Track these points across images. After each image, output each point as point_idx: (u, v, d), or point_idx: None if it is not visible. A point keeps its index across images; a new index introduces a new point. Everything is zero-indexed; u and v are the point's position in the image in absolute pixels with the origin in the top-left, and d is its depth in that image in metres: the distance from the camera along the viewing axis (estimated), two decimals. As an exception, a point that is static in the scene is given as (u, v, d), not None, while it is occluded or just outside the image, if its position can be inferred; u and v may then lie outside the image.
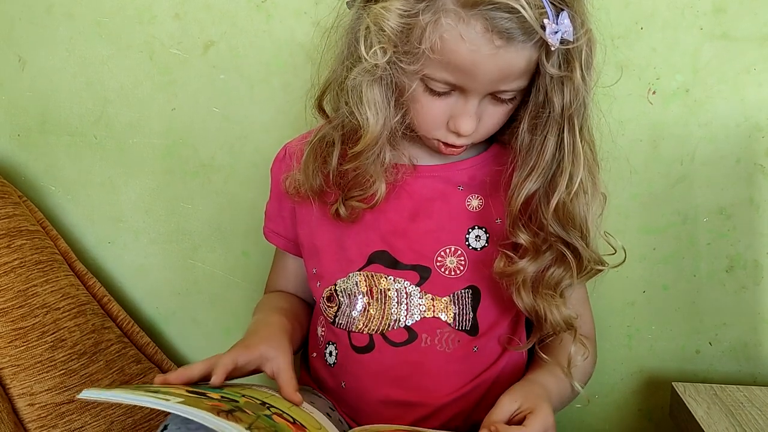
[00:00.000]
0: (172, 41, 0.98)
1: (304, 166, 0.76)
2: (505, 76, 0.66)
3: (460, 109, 0.69)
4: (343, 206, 0.75)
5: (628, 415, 0.99)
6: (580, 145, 0.68)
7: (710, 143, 0.90)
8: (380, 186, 0.74)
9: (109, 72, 1.00)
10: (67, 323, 0.92)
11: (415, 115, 0.71)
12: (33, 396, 0.86)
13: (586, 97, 0.67)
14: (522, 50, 0.64)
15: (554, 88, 0.66)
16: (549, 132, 0.68)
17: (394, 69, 0.68)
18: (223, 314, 1.06)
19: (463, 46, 0.63)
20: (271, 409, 0.64)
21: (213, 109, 0.99)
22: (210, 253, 1.04)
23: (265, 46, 0.95)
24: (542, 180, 0.70)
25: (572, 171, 0.68)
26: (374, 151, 0.72)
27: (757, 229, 0.91)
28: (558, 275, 0.72)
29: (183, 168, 1.02)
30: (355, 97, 0.69)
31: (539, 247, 0.71)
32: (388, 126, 0.71)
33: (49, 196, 1.06)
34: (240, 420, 0.57)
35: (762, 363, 0.94)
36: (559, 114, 0.67)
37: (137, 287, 1.07)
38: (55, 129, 1.03)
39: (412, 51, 0.66)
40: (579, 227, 0.70)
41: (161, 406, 0.58)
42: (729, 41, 0.87)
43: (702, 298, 0.94)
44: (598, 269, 0.74)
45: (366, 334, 0.77)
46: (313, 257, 0.81)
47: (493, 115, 0.71)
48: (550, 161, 0.69)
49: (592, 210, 0.71)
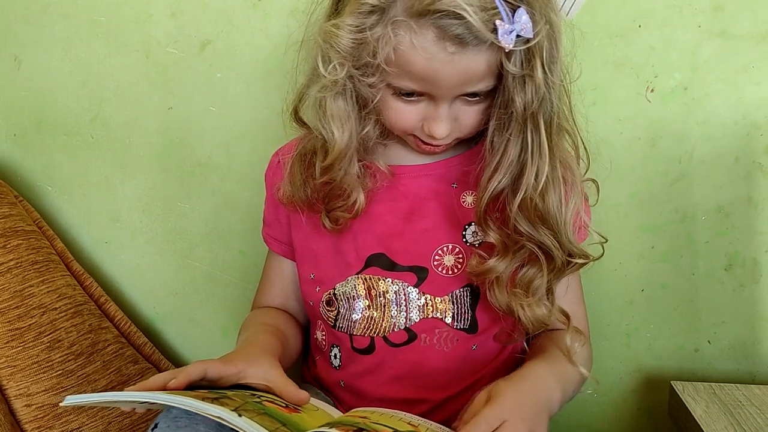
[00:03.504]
0: (168, 40, 0.97)
1: (291, 178, 0.76)
2: (467, 79, 0.65)
3: (431, 113, 0.69)
4: (327, 218, 0.76)
5: (627, 414, 0.99)
6: (546, 144, 0.67)
7: (708, 141, 0.90)
8: (358, 196, 0.74)
9: (105, 71, 1.00)
10: (63, 324, 0.91)
11: (387, 119, 0.71)
12: (30, 397, 0.86)
13: (551, 94, 0.66)
14: (478, 54, 0.63)
15: (516, 87, 0.65)
16: (513, 131, 0.67)
17: (355, 82, 0.68)
18: (221, 314, 1.06)
19: (417, 55, 0.63)
20: (262, 397, 0.63)
21: (210, 108, 0.99)
22: (207, 252, 1.04)
23: (262, 45, 0.95)
24: (509, 179, 0.69)
25: (538, 169, 0.67)
26: (344, 164, 0.72)
27: (755, 227, 0.91)
28: (530, 274, 0.72)
29: (180, 167, 1.01)
30: (320, 111, 0.70)
31: (508, 246, 0.71)
32: (354, 139, 0.71)
33: (46, 195, 1.05)
34: (226, 405, 0.56)
35: (761, 361, 0.93)
36: (521, 113, 0.66)
37: (134, 287, 1.07)
38: (52, 128, 1.03)
39: (369, 64, 0.66)
40: (551, 225, 0.69)
41: (144, 397, 0.57)
42: (727, 39, 0.87)
43: (700, 297, 0.93)
44: (581, 263, 0.72)
45: (367, 336, 0.77)
46: (310, 262, 0.81)
47: (470, 114, 0.70)
48: (516, 160, 0.68)
49: (568, 207, 0.70)
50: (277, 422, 0.58)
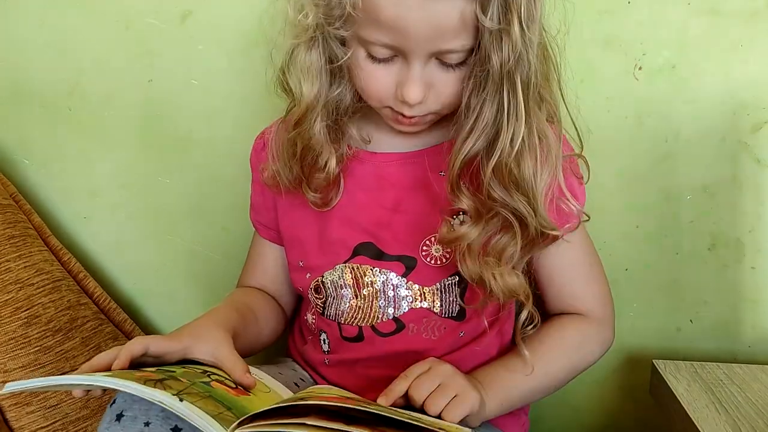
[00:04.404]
0: (148, 10, 0.95)
1: (276, 151, 0.75)
2: (440, 32, 0.63)
3: (404, 75, 0.66)
4: (309, 190, 0.75)
5: (609, 393, 1.00)
6: (522, 105, 0.65)
7: (695, 121, 0.89)
8: (330, 158, 0.72)
9: (82, 41, 0.97)
10: (41, 299, 0.90)
11: (360, 84, 0.69)
12: (7, 373, 0.85)
13: (528, 52, 0.63)
14: (450, 1, 0.61)
15: (492, 44, 0.62)
16: (489, 91, 0.65)
17: (327, 34, 0.66)
18: (202, 291, 1.04)
19: (385, 0, 0.62)
20: (212, 376, 0.63)
21: (191, 81, 0.96)
22: (189, 228, 1.02)
23: (245, 16, 0.93)
24: (484, 142, 0.66)
25: (514, 132, 0.65)
26: (310, 121, 0.70)
27: (739, 207, 0.91)
28: (503, 242, 0.70)
29: (160, 141, 0.99)
30: (292, 63, 0.69)
31: (481, 213, 0.69)
32: (323, 96, 0.69)
33: (23, 169, 1.03)
34: (169, 387, 0.56)
35: (742, 341, 0.94)
36: (497, 72, 0.63)
37: (114, 263, 1.05)
38: (28, 100, 1.00)
39: (339, 11, 0.64)
40: (524, 191, 0.67)
41: (85, 380, 0.58)
42: (716, 17, 0.86)
43: (684, 276, 0.94)
44: (553, 234, 0.71)
45: (355, 326, 0.76)
46: (297, 249, 0.80)
47: (446, 82, 0.67)
48: (491, 122, 0.66)
49: (542, 174, 0.68)
50: (222, 406, 0.57)
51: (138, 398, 0.60)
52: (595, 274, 0.81)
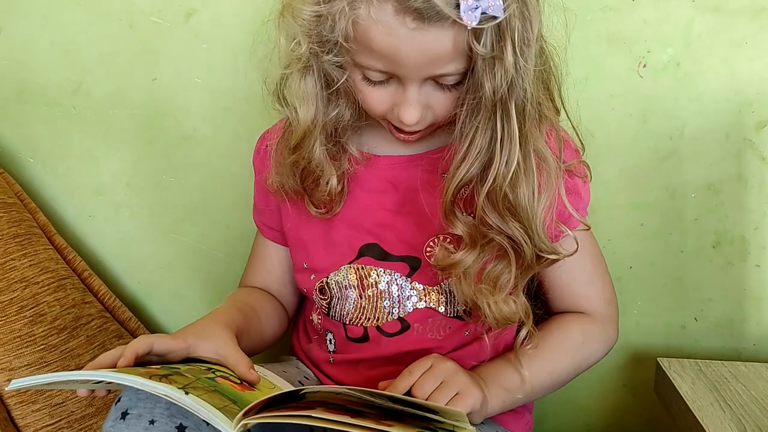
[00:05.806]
0: (152, 9, 0.95)
1: (277, 167, 0.75)
2: (432, 60, 0.62)
3: (400, 97, 0.66)
4: (311, 204, 0.75)
5: (613, 390, 1.00)
6: (517, 132, 0.63)
7: (700, 118, 0.89)
8: (331, 178, 0.72)
9: (87, 40, 0.97)
10: (46, 297, 0.90)
11: (360, 102, 0.69)
12: (12, 371, 0.85)
13: (523, 79, 0.62)
14: (442, 31, 0.60)
15: (485, 70, 0.61)
16: (482, 118, 0.63)
17: (322, 61, 0.65)
18: (207, 289, 1.05)
19: (377, 30, 0.61)
20: (217, 373, 0.63)
21: (195, 79, 0.97)
22: (193, 226, 1.03)
23: (249, 14, 0.93)
24: (477, 168, 0.65)
25: (509, 158, 0.64)
26: (309, 145, 0.70)
27: (744, 205, 0.91)
28: (498, 270, 0.69)
29: (165, 140, 0.99)
30: (286, 89, 0.69)
31: (476, 239, 0.68)
32: (320, 119, 0.69)
33: (28, 168, 1.03)
34: (175, 382, 0.56)
35: (747, 339, 0.94)
36: (490, 99, 0.62)
37: (119, 261, 1.06)
38: (33, 99, 1.01)
39: (330, 40, 0.63)
40: (520, 218, 0.66)
41: (90, 376, 0.58)
42: (721, 14, 0.86)
43: (688, 274, 0.94)
44: (552, 258, 0.70)
45: (360, 326, 0.77)
46: (302, 251, 0.80)
47: (443, 101, 0.67)
48: (485, 149, 0.64)
49: (540, 199, 0.67)
50: (227, 399, 0.58)
51: (143, 396, 0.61)
52: (599, 272, 0.81)
